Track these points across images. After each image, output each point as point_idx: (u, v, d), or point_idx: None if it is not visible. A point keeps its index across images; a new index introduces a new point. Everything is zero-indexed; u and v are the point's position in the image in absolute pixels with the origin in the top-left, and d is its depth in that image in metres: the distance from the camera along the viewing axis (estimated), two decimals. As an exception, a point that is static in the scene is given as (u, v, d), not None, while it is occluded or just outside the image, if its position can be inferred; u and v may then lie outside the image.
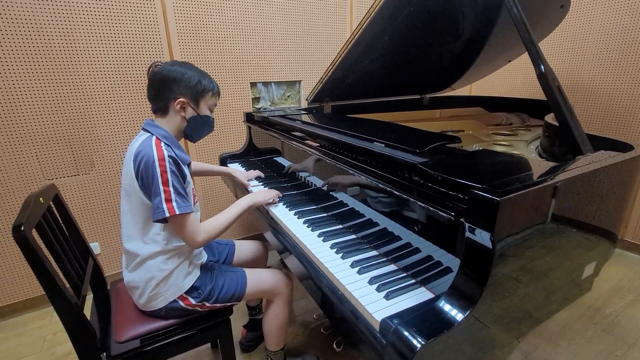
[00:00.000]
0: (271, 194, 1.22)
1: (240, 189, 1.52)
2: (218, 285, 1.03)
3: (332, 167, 1.08)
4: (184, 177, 0.95)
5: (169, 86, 0.96)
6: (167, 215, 0.87)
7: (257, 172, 1.53)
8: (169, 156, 0.91)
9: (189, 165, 1.06)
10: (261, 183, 1.49)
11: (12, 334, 1.60)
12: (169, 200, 0.88)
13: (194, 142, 1.14)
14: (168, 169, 0.89)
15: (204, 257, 1.14)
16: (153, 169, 0.88)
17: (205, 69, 1.89)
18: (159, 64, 0.98)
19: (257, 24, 2.00)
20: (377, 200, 0.93)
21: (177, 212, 0.88)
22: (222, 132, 2.07)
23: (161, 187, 0.88)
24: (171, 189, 0.89)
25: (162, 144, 0.93)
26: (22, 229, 0.72)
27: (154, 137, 0.94)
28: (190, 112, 1.01)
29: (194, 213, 0.94)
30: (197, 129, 1.04)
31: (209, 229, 0.98)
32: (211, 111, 1.07)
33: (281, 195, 1.26)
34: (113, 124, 1.74)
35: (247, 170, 1.58)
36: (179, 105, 0.98)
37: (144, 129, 0.98)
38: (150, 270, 0.95)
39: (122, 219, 0.99)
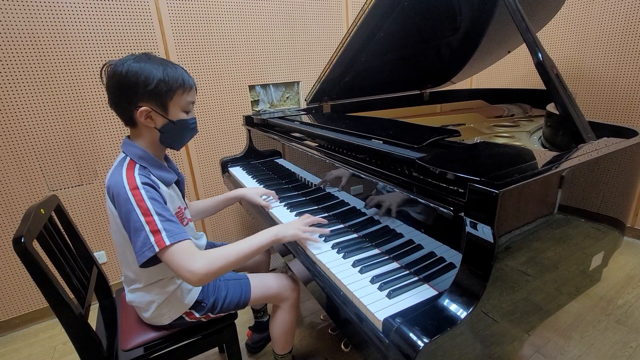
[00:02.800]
0: (306, 227, 0.95)
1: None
2: (221, 296, 1.01)
3: (332, 166, 1.07)
4: (165, 202, 0.83)
5: (126, 93, 0.80)
6: (157, 250, 0.74)
7: (271, 192, 1.30)
8: (144, 183, 0.79)
9: (178, 184, 0.98)
10: (262, 186, 1.48)
11: (24, 345, 1.62)
12: (155, 231, 0.75)
13: (179, 150, 0.98)
14: (145, 197, 0.77)
15: None
16: (127, 202, 0.76)
17: (202, 74, 1.93)
18: (112, 63, 0.81)
19: (253, 26, 2.00)
20: (378, 197, 0.92)
21: (168, 242, 0.75)
22: (222, 136, 2.07)
23: (142, 219, 0.75)
24: (155, 218, 0.76)
25: (137, 167, 0.82)
26: (23, 240, 0.72)
27: (127, 161, 0.83)
28: (160, 120, 0.84)
29: (189, 240, 0.79)
30: (174, 136, 0.89)
31: (212, 258, 0.78)
32: (188, 111, 0.88)
33: (328, 233, 0.98)
34: (114, 133, 1.76)
35: (255, 181, 1.48)
36: (142, 116, 0.81)
37: (122, 149, 0.87)
38: (150, 294, 0.92)
39: (115, 242, 0.90)
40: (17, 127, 1.55)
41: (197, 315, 0.99)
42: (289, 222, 0.97)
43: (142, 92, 0.80)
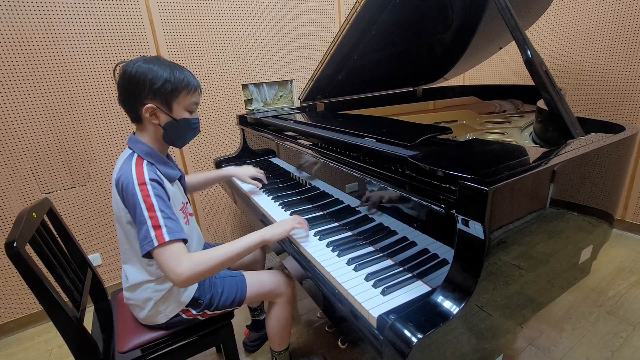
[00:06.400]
0: (294, 222, 0.97)
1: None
2: (217, 293, 1.02)
3: (327, 165, 1.08)
4: (169, 199, 0.87)
5: (134, 90, 0.84)
6: (156, 244, 0.77)
7: (257, 171, 1.38)
8: (151, 179, 0.83)
9: (180, 179, 1.01)
10: (260, 188, 1.46)
11: (19, 349, 1.61)
12: (157, 226, 0.79)
13: (180, 148, 1.05)
14: (151, 193, 0.81)
15: None
16: (134, 195, 0.80)
17: (195, 73, 1.90)
18: (123, 63, 0.86)
19: (246, 25, 1.99)
20: (372, 195, 0.93)
21: (168, 239, 0.78)
22: (216, 136, 2.06)
23: (146, 214, 0.79)
24: (158, 214, 0.79)
25: (144, 163, 0.86)
26: (15, 245, 0.72)
27: (135, 156, 0.87)
28: (163, 118, 0.88)
29: (182, 242, 0.82)
30: (176, 134, 0.93)
31: (197, 261, 0.80)
32: (191, 111, 0.93)
33: (307, 228, 1.00)
34: (106, 134, 1.74)
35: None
36: (148, 113, 0.86)
37: (128, 146, 0.91)
38: (147, 291, 0.93)
39: (119, 241, 0.94)
40: (7, 129, 1.53)
41: (193, 312, 0.99)
42: (277, 223, 0.99)
43: (149, 90, 0.84)
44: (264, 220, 1.22)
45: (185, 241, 0.83)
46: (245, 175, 1.35)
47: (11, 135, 1.54)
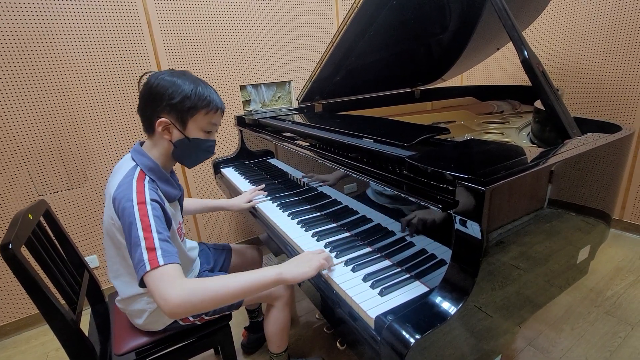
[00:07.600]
0: (321, 260, 0.80)
1: (236, 194, 1.41)
2: None
3: (324, 165, 1.08)
4: (168, 221, 0.83)
5: (152, 102, 0.82)
6: (148, 269, 0.70)
7: (256, 191, 1.33)
8: (152, 199, 0.78)
9: (179, 198, 0.98)
10: (254, 185, 1.47)
11: (15, 352, 1.60)
12: (151, 249, 0.72)
13: (190, 168, 0.98)
14: (150, 213, 0.76)
15: (197, 268, 1.12)
16: (131, 215, 0.75)
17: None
18: (150, 72, 0.86)
19: (244, 26, 1.99)
20: (371, 196, 0.93)
21: (162, 262, 0.70)
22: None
23: (141, 235, 0.73)
24: (154, 235, 0.74)
25: (146, 179, 0.82)
26: (10, 247, 0.71)
27: (137, 171, 0.83)
28: (176, 135, 0.86)
29: (176, 265, 0.73)
30: (187, 154, 0.90)
31: (193, 289, 0.69)
32: (209, 132, 0.90)
33: (333, 264, 0.84)
34: (104, 136, 1.74)
35: (248, 181, 1.48)
36: (160, 127, 0.83)
37: (131, 156, 0.87)
38: (140, 303, 0.92)
39: (107, 254, 0.90)
40: (4, 130, 1.52)
41: (190, 318, 0.99)
42: (299, 259, 0.81)
43: (166, 104, 0.82)
44: (265, 224, 1.22)
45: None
46: (240, 202, 1.29)
47: (8, 136, 1.53)
